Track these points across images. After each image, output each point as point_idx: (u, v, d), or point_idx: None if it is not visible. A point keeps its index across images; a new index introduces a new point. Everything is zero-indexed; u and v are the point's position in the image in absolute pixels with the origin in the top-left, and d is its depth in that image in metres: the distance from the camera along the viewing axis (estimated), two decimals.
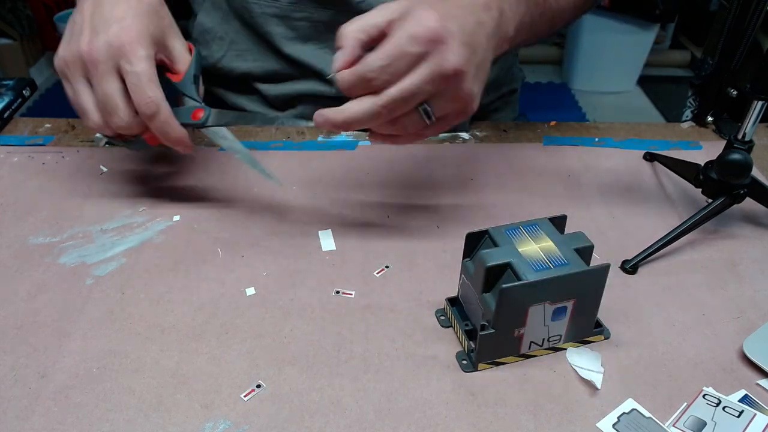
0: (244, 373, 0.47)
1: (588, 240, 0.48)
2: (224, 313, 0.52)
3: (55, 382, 0.46)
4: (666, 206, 0.66)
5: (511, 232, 0.49)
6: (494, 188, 0.68)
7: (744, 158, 0.57)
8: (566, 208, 0.65)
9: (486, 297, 0.46)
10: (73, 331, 0.50)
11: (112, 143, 0.71)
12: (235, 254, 0.58)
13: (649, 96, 2.82)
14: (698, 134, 0.79)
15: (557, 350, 0.49)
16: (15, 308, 0.52)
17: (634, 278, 0.57)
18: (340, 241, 0.60)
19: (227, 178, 0.68)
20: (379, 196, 0.66)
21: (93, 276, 0.55)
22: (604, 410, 0.45)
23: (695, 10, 2.86)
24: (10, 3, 2.62)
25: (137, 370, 0.47)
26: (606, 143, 0.76)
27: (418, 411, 0.44)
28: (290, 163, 0.71)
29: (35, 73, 2.73)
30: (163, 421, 0.43)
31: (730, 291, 0.55)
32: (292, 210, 0.64)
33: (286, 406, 0.45)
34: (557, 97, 2.82)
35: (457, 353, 0.49)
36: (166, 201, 0.65)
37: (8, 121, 0.78)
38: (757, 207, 0.63)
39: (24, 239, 0.59)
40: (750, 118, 0.57)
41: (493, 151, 0.74)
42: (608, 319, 0.52)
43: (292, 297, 0.54)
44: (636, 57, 2.76)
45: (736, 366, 0.48)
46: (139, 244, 0.59)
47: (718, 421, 0.44)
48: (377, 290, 0.55)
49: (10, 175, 0.68)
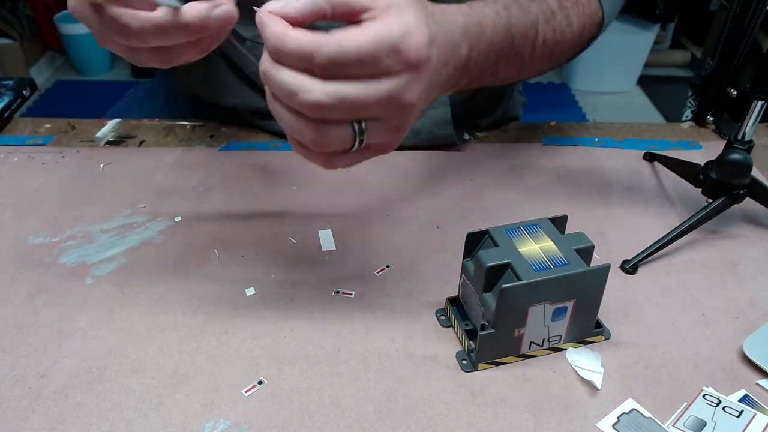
0: (244, 373, 0.47)
1: (588, 240, 0.48)
2: (224, 313, 0.52)
3: (55, 382, 0.46)
4: (666, 206, 0.66)
5: (511, 232, 0.49)
6: (494, 188, 0.68)
7: (744, 158, 0.57)
8: (566, 208, 0.65)
9: (486, 297, 0.46)
10: (73, 331, 0.50)
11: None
12: (235, 254, 0.58)
13: (649, 96, 2.82)
14: (698, 134, 0.79)
15: (557, 350, 0.49)
16: (15, 308, 0.52)
17: (634, 278, 0.57)
18: (340, 241, 0.60)
19: (227, 178, 0.68)
20: (379, 196, 0.66)
21: (93, 276, 0.55)
22: (604, 410, 0.45)
23: (695, 10, 2.86)
24: (10, 3, 2.62)
25: (137, 370, 0.47)
26: (606, 143, 0.76)
27: (418, 411, 0.44)
28: (290, 163, 0.71)
29: (35, 73, 2.73)
30: (163, 421, 0.43)
31: (730, 291, 0.55)
32: (292, 210, 0.64)
33: (286, 406, 0.45)
34: (557, 97, 2.82)
35: (457, 353, 0.49)
36: (166, 201, 0.65)
37: (8, 121, 0.78)
38: (757, 207, 0.63)
39: (24, 239, 0.59)
40: (750, 118, 0.57)
41: (493, 151, 0.74)
42: (608, 319, 0.52)
43: (292, 297, 0.54)
44: (636, 57, 2.76)
45: (736, 366, 0.48)
46: (139, 244, 0.59)
47: (718, 421, 0.44)
48: (377, 290, 0.54)
49: (10, 175, 0.68)
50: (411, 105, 0.41)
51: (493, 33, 0.50)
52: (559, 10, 0.58)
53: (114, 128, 0.77)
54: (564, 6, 0.59)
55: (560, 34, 0.58)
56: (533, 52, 0.56)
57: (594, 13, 0.62)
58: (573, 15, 0.60)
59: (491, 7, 0.50)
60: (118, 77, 2.89)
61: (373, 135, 0.41)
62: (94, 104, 2.48)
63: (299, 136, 0.40)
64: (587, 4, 0.62)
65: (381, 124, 0.41)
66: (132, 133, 0.76)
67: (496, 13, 0.50)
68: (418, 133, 0.72)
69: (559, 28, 0.58)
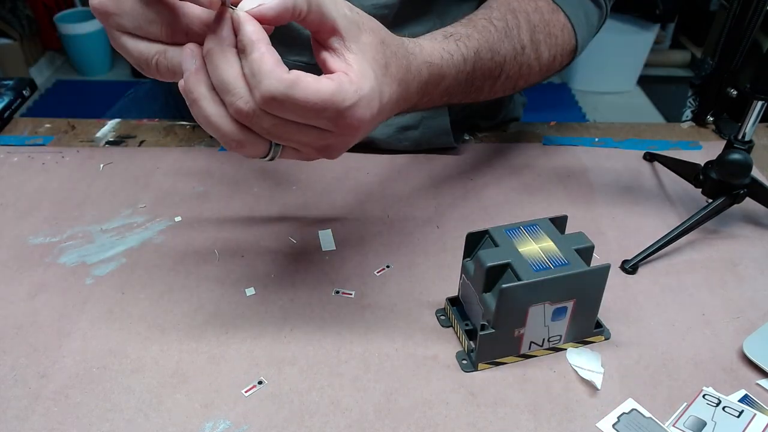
0: (244, 373, 0.47)
1: (588, 240, 0.48)
2: (224, 313, 0.52)
3: (55, 382, 0.46)
4: (666, 206, 0.66)
5: (511, 232, 0.49)
6: (494, 188, 0.68)
7: (744, 158, 0.57)
8: (566, 208, 0.65)
9: (486, 297, 0.46)
10: (73, 331, 0.50)
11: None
12: (235, 254, 0.58)
13: (649, 96, 2.82)
14: (698, 134, 0.79)
15: (557, 350, 0.49)
16: (15, 308, 0.52)
17: (634, 278, 0.57)
18: (340, 241, 0.60)
19: (227, 178, 0.68)
20: (379, 196, 0.66)
21: (93, 276, 0.55)
22: (604, 410, 0.45)
23: (695, 10, 2.86)
24: (10, 3, 2.62)
25: (137, 370, 0.47)
26: (606, 143, 0.76)
27: (418, 411, 0.44)
28: (290, 163, 0.71)
29: (35, 73, 2.73)
30: (163, 421, 0.43)
31: (730, 291, 0.55)
32: (292, 210, 0.64)
33: (286, 406, 0.45)
34: (557, 97, 2.81)
35: (457, 353, 0.49)
36: (166, 201, 0.65)
37: (8, 121, 0.78)
38: (757, 207, 0.63)
39: (24, 239, 0.59)
40: (750, 118, 0.57)
41: (493, 151, 0.74)
42: (608, 319, 0.52)
43: (292, 297, 0.54)
44: (636, 57, 2.76)
45: (736, 366, 0.48)
46: (139, 244, 0.59)
47: (718, 421, 0.44)
48: (377, 290, 0.54)
49: (10, 175, 0.68)
50: (333, 151, 0.42)
51: (454, 81, 0.51)
52: (530, 44, 0.58)
53: (114, 128, 0.77)
54: (536, 39, 0.59)
55: (526, 69, 0.59)
56: (494, 86, 0.57)
57: (567, 42, 0.62)
58: (544, 48, 0.60)
59: (461, 52, 0.50)
60: (118, 77, 2.89)
61: (288, 155, 0.42)
62: (94, 104, 2.49)
63: (215, 121, 0.38)
64: (560, 34, 0.61)
65: (298, 154, 0.42)
66: (132, 133, 0.76)
67: (465, 60, 0.51)
68: (417, 143, 0.72)
69: (526, 63, 0.58)
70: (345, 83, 0.38)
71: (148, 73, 0.41)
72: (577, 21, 0.62)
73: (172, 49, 0.39)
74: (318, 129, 0.39)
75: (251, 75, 0.36)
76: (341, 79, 0.38)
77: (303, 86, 0.36)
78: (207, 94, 0.38)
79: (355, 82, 0.38)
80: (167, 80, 0.41)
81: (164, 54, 0.39)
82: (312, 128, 0.39)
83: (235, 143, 0.39)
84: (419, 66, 0.46)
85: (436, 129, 0.71)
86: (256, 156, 0.40)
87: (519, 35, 0.57)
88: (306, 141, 0.40)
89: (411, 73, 0.45)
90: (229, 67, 0.36)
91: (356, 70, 0.39)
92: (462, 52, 0.51)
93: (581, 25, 0.63)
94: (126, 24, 0.39)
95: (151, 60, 0.40)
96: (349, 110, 0.38)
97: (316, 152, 0.42)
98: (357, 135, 0.41)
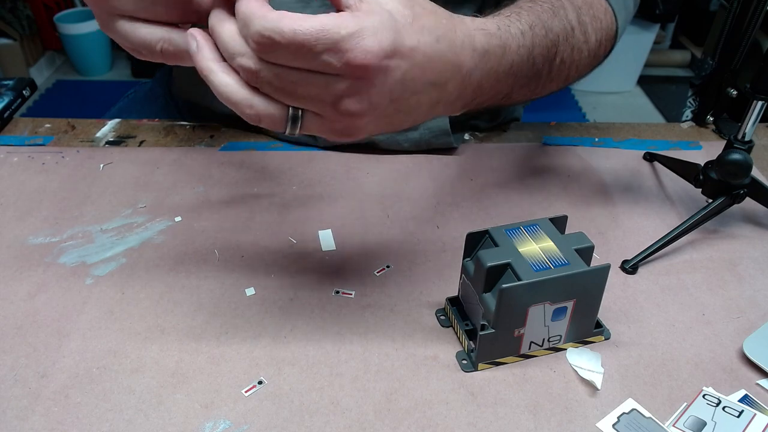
0: (244, 373, 0.47)
1: (588, 240, 0.48)
2: (224, 313, 0.52)
3: (55, 382, 0.46)
4: (666, 206, 0.66)
5: (511, 232, 0.49)
6: (494, 188, 0.68)
7: (744, 158, 0.57)
8: (566, 208, 0.65)
9: (486, 297, 0.46)
10: (73, 331, 0.50)
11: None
12: (235, 254, 0.58)
13: (649, 96, 2.82)
14: (698, 134, 0.79)
15: (557, 350, 0.49)
16: (15, 308, 0.52)
17: (634, 278, 0.57)
18: (340, 241, 0.60)
19: (227, 178, 0.68)
20: (379, 196, 0.66)
21: (93, 276, 0.55)
22: (604, 410, 0.45)
23: (695, 10, 2.86)
24: (10, 3, 2.62)
25: (137, 370, 0.47)
26: (606, 143, 0.76)
27: (418, 411, 0.44)
28: (290, 163, 0.71)
29: (35, 73, 2.73)
30: (163, 421, 0.43)
31: (730, 291, 0.55)
32: (292, 210, 0.64)
33: (286, 406, 0.45)
34: (557, 97, 2.80)
35: (457, 353, 0.49)
36: (166, 201, 0.65)
37: (8, 121, 0.78)
38: (757, 207, 0.63)
39: (24, 239, 0.59)
40: (750, 118, 0.57)
41: (493, 151, 0.74)
42: (608, 319, 0.52)
43: (292, 297, 0.54)
44: (636, 57, 2.76)
45: (736, 366, 0.48)
46: (139, 244, 0.59)
47: (718, 421, 0.44)
48: (377, 290, 0.55)
49: (10, 175, 0.68)
50: (352, 113, 0.38)
51: (516, 55, 0.47)
52: (578, 25, 0.54)
53: (114, 128, 0.77)
54: (582, 21, 0.55)
55: (577, 53, 0.55)
56: (550, 72, 0.53)
57: (609, 26, 0.59)
58: (591, 31, 0.56)
59: (516, 25, 0.47)
60: (118, 77, 2.89)
61: (311, 129, 0.39)
62: (94, 104, 2.49)
63: (229, 90, 0.37)
64: (603, 17, 0.58)
65: (321, 122, 0.39)
66: (132, 133, 0.76)
67: (522, 33, 0.47)
68: (417, 143, 0.72)
69: (577, 46, 0.54)
70: (344, 15, 0.35)
71: (149, 57, 0.41)
72: (617, 4, 0.59)
73: (177, 34, 0.40)
74: (324, 75, 0.36)
75: (243, 26, 0.36)
76: (341, 14, 0.36)
77: (289, 19, 0.34)
78: (216, 66, 0.37)
79: (357, 15, 0.36)
80: (171, 63, 0.42)
81: (169, 41, 0.40)
82: (317, 74, 0.36)
83: (251, 111, 0.37)
84: (469, 32, 0.42)
85: (436, 129, 0.71)
86: (278, 126, 0.38)
87: (566, 15, 0.53)
88: (316, 93, 0.37)
89: (457, 35, 0.41)
90: (228, 30, 0.37)
91: (365, 8, 0.36)
92: (517, 25, 0.47)
93: (620, 8, 0.60)
94: (126, 6, 0.39)
95: (155, 46, 0.40)
96: (347, 41, 0.35)
97: (337, 114, 0.38)
98: (371, 79, 0.37)
